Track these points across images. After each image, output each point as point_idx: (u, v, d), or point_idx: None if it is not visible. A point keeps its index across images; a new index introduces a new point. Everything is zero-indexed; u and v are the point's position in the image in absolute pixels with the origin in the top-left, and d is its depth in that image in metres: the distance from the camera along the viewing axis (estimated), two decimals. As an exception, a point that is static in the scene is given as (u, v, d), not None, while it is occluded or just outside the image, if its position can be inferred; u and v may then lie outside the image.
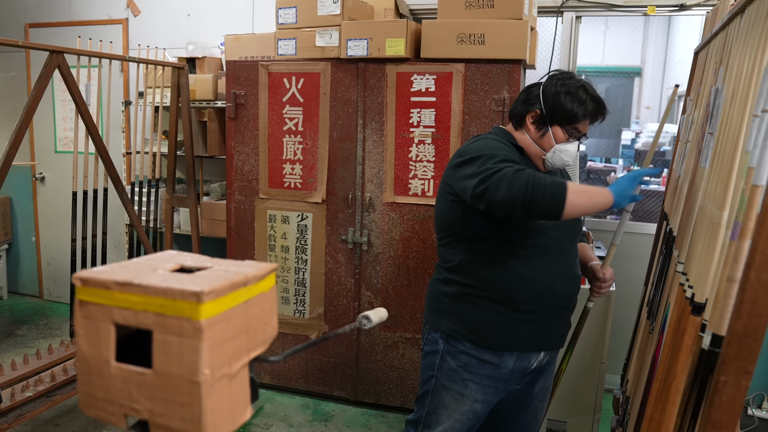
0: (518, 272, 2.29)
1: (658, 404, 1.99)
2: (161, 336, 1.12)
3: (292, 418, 4.09)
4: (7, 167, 3.27)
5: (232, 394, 1.18)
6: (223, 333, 1.14)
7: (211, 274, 1.19)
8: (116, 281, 1.14)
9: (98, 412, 1.19)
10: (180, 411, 1.11)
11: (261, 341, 1.29)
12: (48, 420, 4.01)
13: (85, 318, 1.18)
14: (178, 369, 1.10)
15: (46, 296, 6.46)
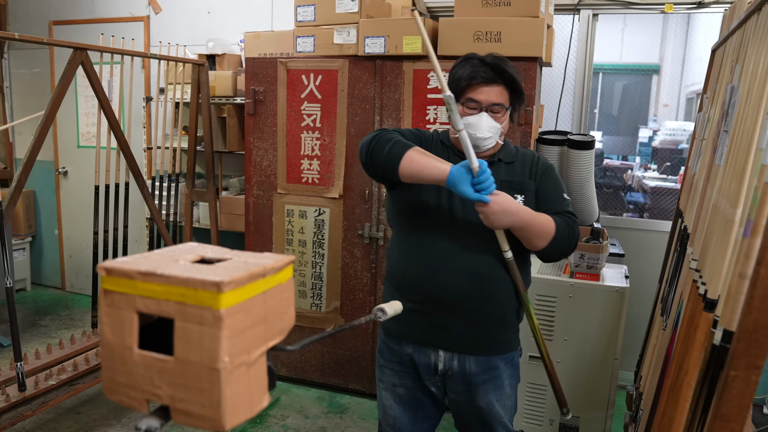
0: (405, 257, 2.33)
1: (670, 399, 1.99)
2: (182, 324, 1.14)
3: (308, 410, 4.11)
4: (32, 162, 3.31)
5: (251, 381, 1.20)
6: (242, 322, 1.16)
7: (231, 265, 1.21)
8: (139, 271, 1.16)
9: (121, 397, 1.21)
10: (200, 397, 1.13)
11: (279, 331, 1.31)
12: (70, 408, 4.06)
13: (109, 306, 1.21)
14: (199, 356, 1.13)
15: (68, 288, 6.53)
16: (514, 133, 3.65)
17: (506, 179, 2.26)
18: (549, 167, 2.36)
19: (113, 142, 3.92)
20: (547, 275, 3.47)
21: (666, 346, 2.57)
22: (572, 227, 2.22)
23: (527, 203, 2.24)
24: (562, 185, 2.35)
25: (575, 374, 3.43)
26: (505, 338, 2.35)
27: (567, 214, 2.25)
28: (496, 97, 2.20)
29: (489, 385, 2.34)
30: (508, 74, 2.20)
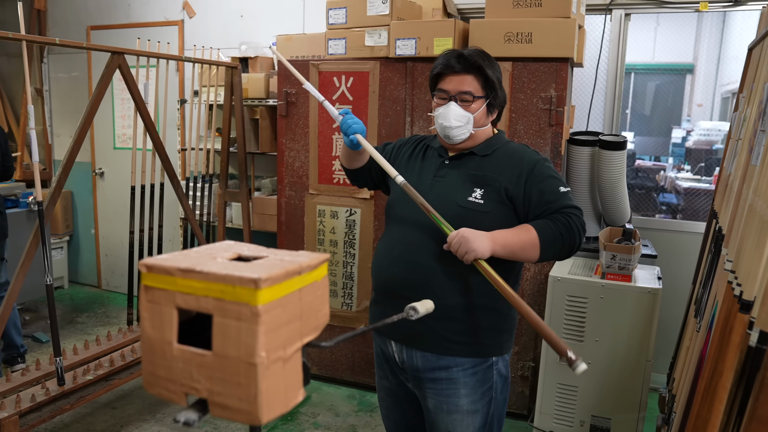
0: (375, 252, 2.40)
1: (704, 402, 1.96)
2: (221, 320, 1.15)
3: (339, 408, 4.12)
4: (70, 163, 3.36)
5: (286, 376, 1.21)
6: (278, 318, 1.17)
7: (268, 263, 1.22)
8: (179, 268, 1.18)
9: (160, 390, 1.23)
10: (237, 391, 1.15)
11: (313, 327, 1.32)
12: (106, 403, 4.11)
13: (150, 302, 1.23)
14: (236, 351, 1.14)
15: (104, 286, 6.62)
16: (545, 133, 3.62)
17: (471, 173, 2.20)
18: (536, 163, 2.18)
19: (149, 144, 3.96)
20: (578, 276, 3.45)
21: (700, 348, 2.54)
22: (567, 224, 2.06)
23: (485, 197, 2.14)
24: (556, 178, 2.17)
25: (607, 376, 3.40)
26: (457, 339, 2.18)
27: (565, 209, 2.10)
28: (464, 85, 2.18)
29: (437, 388, 2.23)
30: (476, 63, 2.16)
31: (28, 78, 3.07)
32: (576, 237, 2.09)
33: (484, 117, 2.22)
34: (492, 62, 2.21)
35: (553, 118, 3.60)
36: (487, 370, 2.22)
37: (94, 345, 3.85)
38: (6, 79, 6.43)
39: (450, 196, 2.18)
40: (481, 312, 2.18)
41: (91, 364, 3.63)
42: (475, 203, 2.14)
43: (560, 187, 2.14)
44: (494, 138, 2.29)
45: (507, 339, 2.29)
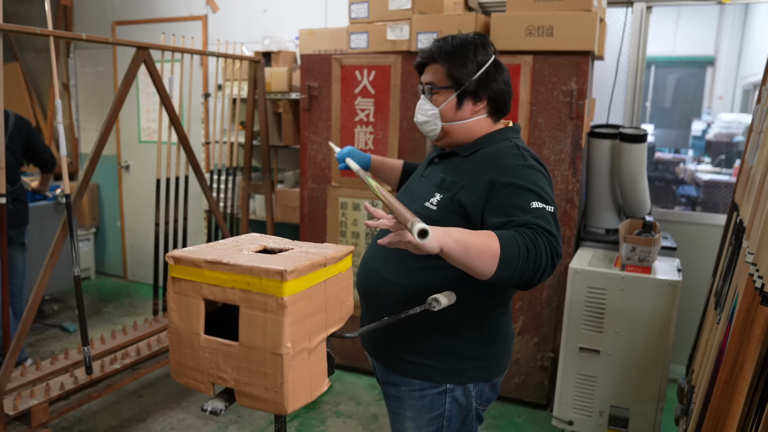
0: None
1: (725, 394, 1.96)
2: (247, 311, 1.18)
3: (360, 397, 4.15)
4: (97, 157, 3.40)
5: (311, 367, 1.23)
6: (303, 310, 1.19)
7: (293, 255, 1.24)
8: (206, 260, 1.21)
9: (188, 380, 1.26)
10: (263, 380, 1.17)
11: (338, 319, 1.34)
12: (133, 391, 4.17)
13: (177, 293, 1.25)
14: (263, 342, 1.16)
15: (130, 277, 6.69)
16: (566, 126, 3.62)
17: (443, 175, 1.99)
18: (512, 170, 1.83)
19: (174, 137, 4.00)
20: (598, 267, 3.44)
21: (720, 340, 2.53)
22: (535, 240, 1.63)
23: (440, 204, 1.92)
24: (533, 191, 1.77)
25: (626, 366, 3.40)
26: (407, 358, 1.98)
27: (534, 226, 1.68)
28: (428, 76, 2.01)
29: (389, 403, 2.11)
30: (435, 52, 1.97)
31: (56, 73, 3.11)
32: (543, 259, 1.64)
33: (452, 110, 1.97)
34: (465, 49, 1.94)
35: (574, 111, 3.60)
36: (438, 396, 1.97)
37: (120, 335, 3.90)
38: (34, 75, 6.50)
39: (417, 197, 2.03)
40: (435, 333, 1.95)
41: (118, 353, 3.68)
42: (428, 209, 1.94)
43: (535, 203, 1.75)
44: (487, 136, 2.01)
45: (471, 367, 1.98)
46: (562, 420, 3.59)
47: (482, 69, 1.95)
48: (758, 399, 1.71)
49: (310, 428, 3.76)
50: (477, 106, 1.99)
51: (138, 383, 4.27)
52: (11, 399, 3.08)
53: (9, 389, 3.14)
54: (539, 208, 1.73)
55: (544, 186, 1.82)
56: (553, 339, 3.86)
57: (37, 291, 3.20)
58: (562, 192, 3.72)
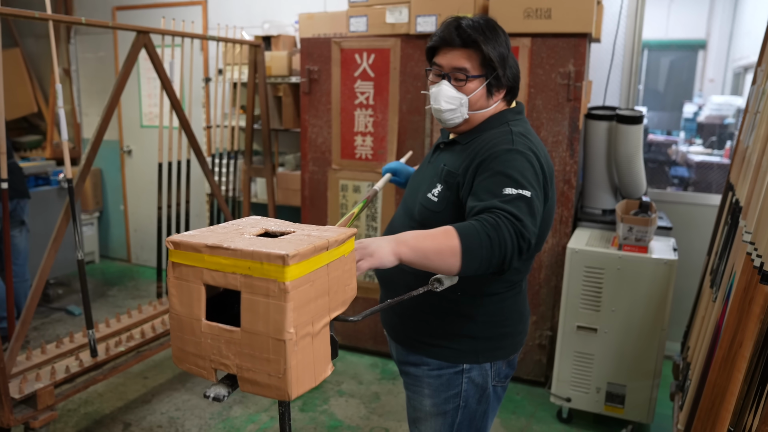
0: None
1: (723, 370, 1.94)
2: (249, 296, 1.14)
3: (362, 376, 4.13)
4: (99, 141, 3.36)
5: (315, 351, 1.20)
6: (306, 294, 1.15)
7: (295, 239, 1.21)
8: (206, 245, 1.17)
9: (190, 366, 1.22)
10: (266, 366, 1.13)
11: (341, 302, 1.30)
12: (138, 373, 4.15)
13: (177, 279, 1.21)
14: (265, 327, 1.13)
15: (134, 260, 6.66)
16: (563, 108, 3.58)
17: (443, 164, 1.92)
18: (494, 155, 1.76)
19: (175, 122, 3.95)
20: (596, 247, 3.42)
21: (716, 318, 2.51)
22: (495, 225, 1.54)
23: (440, 195, 1.86)
24: (507, 176, 1.69)
25: (622, 344, 3.39)
26: (425, 340, 1.97)
27: (499, 211, 1.58)
28: (459, 61, 1.84)
29: (407, 382, 2.08)
30: (472, 37, 1.80)
31: (56, 58, 3.06)
32: (508, 244, 1.55)
33: (482, 99, 1.87)
34: (496, 34, 1.84)
35: (572, 93, 3.56)
36: (455, 375, 1.96)
37: (125, 317, 3.87)
38: (35, 60, 6.43)
39: (420, 188, 1.97)
40: (453, 317, 1.93)
41: (122, 335, 3.65)
42: (430, 201, 1.89)
43: (507, 188, 1.66)
44: (488, 120, 1.93)
45: (487, 348, 1.96)
46: (560, 397, 3.58)
47: (509, 54, 1.88)
48: (759, 377, 1.69)
49: (314, 407, 3.75)
50: (500, 93, 1.91)
51: (143, 365, 4.25)
52: (17, 382, 3.05)
53: (14, 373, 3.12)
54: (512, 194, 1.64)
55: (524, 171, 1.71)
56: (551, 318, 3.84)
57: (41, 275, 3.16)
58: (560, 173, 3.69)
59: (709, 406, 2.00)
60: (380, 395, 3.89)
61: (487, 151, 1.79)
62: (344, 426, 3.57)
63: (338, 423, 3.60)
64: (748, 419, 1.68)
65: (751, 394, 1.70)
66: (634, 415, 3.43)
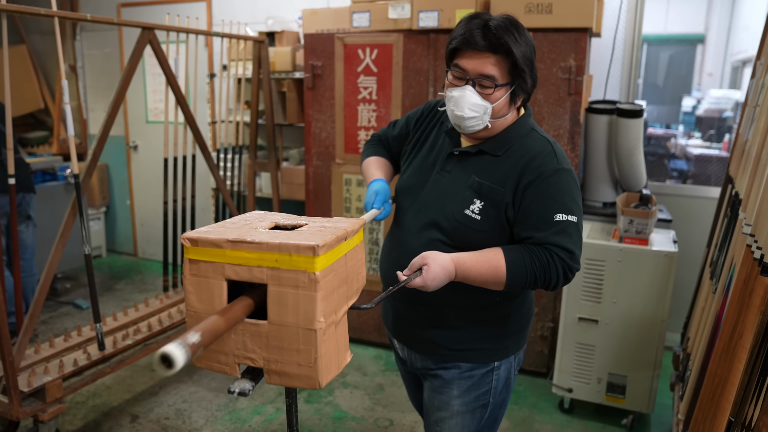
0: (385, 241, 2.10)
1: (723, 361, 1.94)
2: (276, 289, 1.13)
3: (366, 368, 4.13)
4: (105, 137, 3.35)
5: (338, 339, 1.20)
6: (331, 284, 1.15)
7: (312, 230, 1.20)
8: (228, 239, 1.16)
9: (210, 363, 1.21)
10: (296, 357, 1.13)
11: (355, 290, 1.31)
12: (145, 365, 4.15)
13: (195, 276, 1.20)
14: (295, 318, 1.12)
15: (140, 254, 6.66)
16: (564, 102, 3.57)
17: (475, 178, 1.81)
18: (542, 176, 1.74)
19: (180, 117, 3.95)
20: (597, 240, 3.41)
21: (716, 309, 2.51)
22: (545, 265, 1.68)
23: (483, 213, 1.77)
24: (558, 201, 1.72)
25: (623, 335, 3.38)
26: (456, 347, 1.93)
27: (555, 248, 1.69)
28: (487, 68, 1.70)
29: (433, 384, 2.03)
30: (504, 41, 1.66)
31: (62, 54, 3.05)
32: (553, 280, 1.70)
33: (505, 107, 1.77)
34: (523, 36, 1.72)
35: (572, 88, 3.54)
36: (486, 374, 1.96)
37: (132, 311, 3.88)
38: (41, 57, 6.42)
39: (448, 202, 1.84)
40: (482, 323, 1.92)
41: (129, 329, 3.66)
42: (471, 219, 1.79)
43: (557, 215, 1.71)
44: (513, 127, 1.84)
45: (514, 340, 1.98)
46: (562, 387, 3.57)
47: (534, 58, 1.79)
48: (759, 367, 1.68)
49: (319, 399, 3.75)
50: (517, 101, 1.81)
51: (150, 358, 4.23)
52: (26, 376, 3.06)
53: (23, 366, 3.12)
54: (562, 220, 1.70)
55: (571, 192, 1.75)
56: (553, 309, 3.84)
57: (49, 269, 3.16)
58: (561, 167, 3.68)
59: (709, 397, 2.00)
60: (384, 387, 3.89)
61: (535, 171, 1.74)
62: (349, 417, 3.57)
63: (343, 414, 3.60)
64: (748, 410, 1.68)
65: (752, 385, 1.69)
66: (634, 405, 3.43)
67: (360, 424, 3.51)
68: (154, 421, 3.52)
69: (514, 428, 3.47)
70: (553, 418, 3.60)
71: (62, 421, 3.48)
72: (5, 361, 2.91)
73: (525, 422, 3.54)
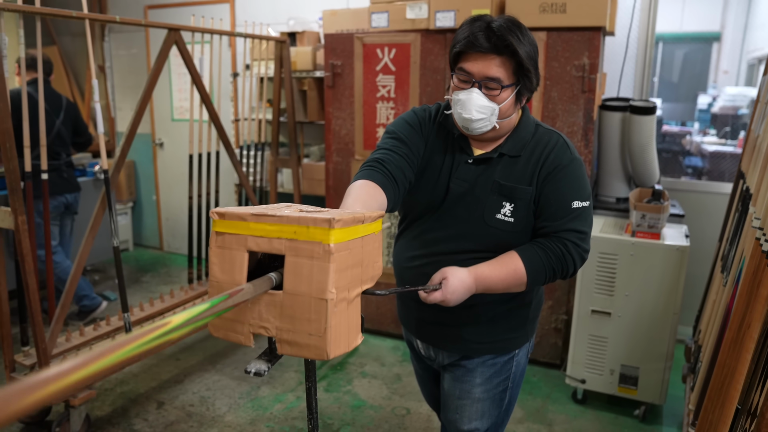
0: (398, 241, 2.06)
1: (732, 351, 1.95)
2: (293, 259, 1.18)
3: (384, 359, 4.17)
4: (132, 134, 3.42)
5: (349, 318, 1.23)
6: (345, 260, 1.19)
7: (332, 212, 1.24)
8: (252, 213, 1.21)
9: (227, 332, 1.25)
10: (307, 327, 1.17)
11: (370, 277, 1.34)
12: (171, 355, 4.22)
13: (220, 248, 1.25)
14: (308, 288, 1.16)
15: (166, 248, 6.74)
16: (578, 100, 3.58)
17: (499, 181, 1.80)
18: (559, 167, 1.78)
19: (205, 115, 4.00)
20: (610, 234, 3.42)
21: (726, 302, 2.52)
22: (561, 256, 1.74)
23: (516, 214, 1.78)
24: (575, 189, 1.78)
25: (636, 328, 3.39)
26: (484, 340, 1.95)
27: (565, 234, 1.75)
28: (492, 70, 1.68)
29: (455, 373, 2.03)
30: (509, 42, 1.65)
31: (92, 55, 3.11)
32: (570, 268, 1.77)
33: (512, 107, 1.76)
34: (526, 36, 1.70)
35: (586, 85, 3.55)
36: (507, 362, 1.99)
37: (158, 302, 3.94)
38: (71, 58, 6.51)
39: (475, 210, 1.82)
40: (508, 314, 1.94)
41: (155, 319, 3.71)
42: (504, 222, 1.79)
43: (574, 202, 1.77)
44: (521, 127, 1.85)
45: (532, 326, 2.04)
46: (575, 379, 3.59)
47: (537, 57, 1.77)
48: (765, 357, 1.70)
49: (338, 387, 3.80)
50: (522, 101, 1.81)
51: (175, 347, 4.32)
52: (57, 363, 3.12)
53: (55, 353, 3.19)
54: (578, 207, 1.77)
55: (584, 179, 1.82)
56: (567, 302, 3.85)
57: (79, 261, 3.23)
58: (575, 163, 3.69)
59: (718, 386, 2.01)
60: (402, 376, 3.92)
61: (552, 163, 1.78)
62: (367, 405, 3.61)
63: (361, 403, 3.64)
64: (754, 397, 1.69)
65: (758, 373, 1.71)
66: (646, 396, 3.44)
67: (378, 412, 3.55)
68: (179, 408, 3.58)
69: (528, 418, 3.49)
70: (567, 408, 3.62)
71: (92, 406, 3.55)
72: (38, 349, 2.98)
73: (539, 412, 3.56)
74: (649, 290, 3.34)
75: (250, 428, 3.39)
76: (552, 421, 3.48)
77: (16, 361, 3.17)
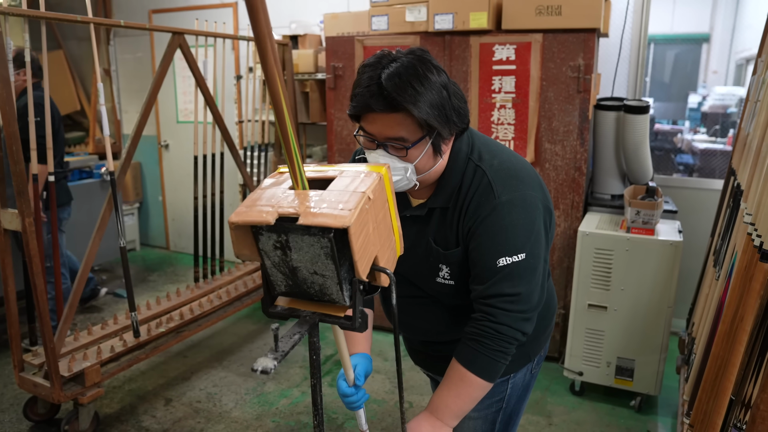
0: None
1: (725, 344, 1.95)
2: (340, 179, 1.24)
3: (387, 354, 4.17)
4: (138, 136, 3.40)
5: (367, 244, 1.17)
6: (378, 205, 1.23)
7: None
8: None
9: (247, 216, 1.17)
10: (335, 206, 1.13)
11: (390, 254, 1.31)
12: (178, 352, 4.22)
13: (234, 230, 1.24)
14: (347, 186, 1.20)
15: (172, 248, 6.74)
16: (573, 100, 3.57)
17: (432, 243, 1.62)
18: (479, 220, 1.52)
19: (209, 117, 3.99)
20: (605, 230, 3.42)
21: (719, 295, 2.51)
22: (496, 334, 1.51)
23: (454, 275, 1.62)
24: (500, 243, 1.50)
25: (631, 321, 3.39)
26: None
27: (493, 299, 1.51)
28: (393, 129, 1.43)
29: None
30: (405, 103, 1.37)
31: (97, 59, 3.10)
32: (512, 340, 1.52)
33: (430, 159, 1.51)
34: (428, 80, 1.40)
35: (581, 86, 3.55)
36: (500, 384, 1.81)
37: (165, 301, 3.93)
38: (77, 62, 6.50)
39: (421, 271, 1.68)
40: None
41: (162, 317, 3.71)
42: (445, 285, 1.64)
43: (499, 260, 1.49)
44: (448, 173, 1.58)
45: (537, 343, 1.86)
46: (573, 371, 3.59)
47: (449, 94, 1.46)
48: (758, 349, 1.69)
49: (340, 381, 3.79)
50: (449, 142, 1.55)
51: (182, 345, 4.31)
52: (66, 361, 3.12)
53: (64, 352, 3.19)
54: (506, 265, 1.49)
55: (514, 227, 1.50)
56: (564, 297, 3.85)
57: (87, 261, 3.22)
58: (571, 161, 3.68)
59: (712, 378, 2.01)
60: (404, 371, 3.91)
61: (473, 216, 1.53)
62: (371, 400, 3.60)
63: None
64: (748, 389, 1.69)
65: (752, 365, 1.71)
66: (642, 387, 3.44)
67: (381, 406, 3.55)
68: (186, 404, 3.58)
69: (527, 410, 3.49)
70: (565, 400, 3.62)
71: (100, 404, 3.54)
72: (47, 348, 2.98)
73: (538, 404, 3.56)
74: (644, 284, 3.34)
75: (256, 423, 3.39)
76: (551, 413, 3.48)
77: (24, 360, 3.16)
